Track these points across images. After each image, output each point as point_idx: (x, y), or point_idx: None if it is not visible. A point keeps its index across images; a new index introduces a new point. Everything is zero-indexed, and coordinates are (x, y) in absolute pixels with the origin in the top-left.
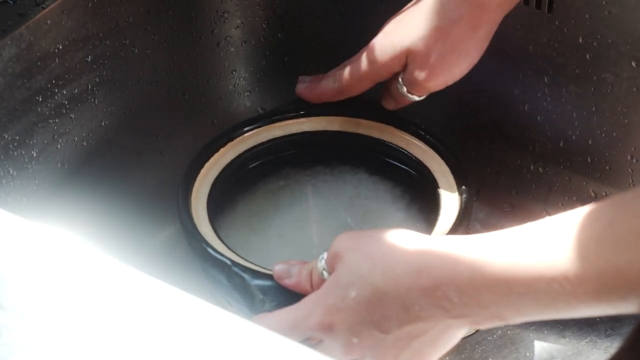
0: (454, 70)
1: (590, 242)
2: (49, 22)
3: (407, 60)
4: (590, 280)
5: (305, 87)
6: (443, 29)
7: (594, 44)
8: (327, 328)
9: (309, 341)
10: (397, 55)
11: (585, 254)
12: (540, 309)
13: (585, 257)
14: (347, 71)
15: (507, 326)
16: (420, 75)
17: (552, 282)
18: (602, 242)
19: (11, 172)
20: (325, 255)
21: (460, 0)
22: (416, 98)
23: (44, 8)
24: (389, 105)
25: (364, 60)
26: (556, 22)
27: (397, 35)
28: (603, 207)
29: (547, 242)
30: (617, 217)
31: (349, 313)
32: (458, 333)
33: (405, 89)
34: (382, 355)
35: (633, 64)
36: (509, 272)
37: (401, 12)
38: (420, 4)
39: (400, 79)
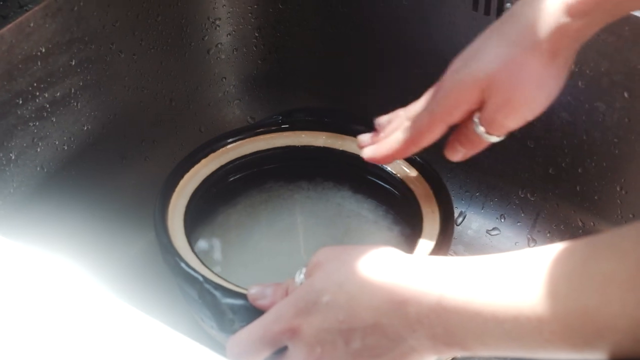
0: (534, 103)
1: (560, 280)
2: (32, 24)
3: (483, 96)
4: (557, 319)
5: (372, 150)
6: (519, 58)
7: (587, 71)
8: (294, 332)
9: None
10: (471, 91)
11: (554, 291)
12: (506, 342)
13: (553, 294)
14: (416, 118)
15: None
16: (499, 111)
17: (519, 316)
18: (571, 282)
19: None
20: (304, 269)
21: (534, 27)
22: (495, 139)
23: (27, 10)
24: (457, 155)
25: (433, 102)
26: None
27: (469, 69)
28: (577, 246)
29: (518, 275)
30: (590, 258)
31: (318, 317)
32: None
33: (483, 129)
34: None
35: (626, 94)
36: (476, 300)
37: (469, 47)
38: (490, 35)
39: (476, 119)
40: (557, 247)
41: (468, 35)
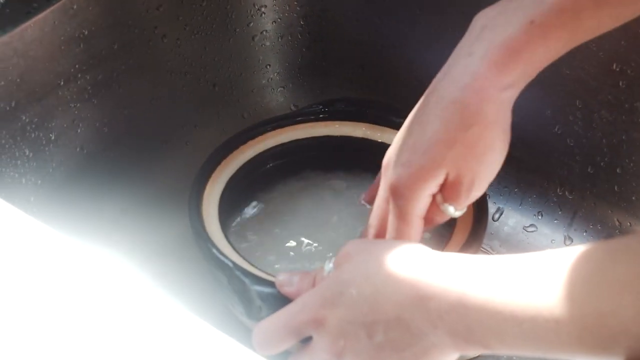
0: (493, 166)
1: (578, 283)
2: (75, 6)
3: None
4: (573, 322)
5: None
6: (457, 137)
7: (629, 71)
8: (319, 323)
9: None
10: (436, 181)
11: (571, 294)
12: (524, 342)
13: (571, 297)
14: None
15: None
16: (467, 191)
17: (537, 316)
18: (588, 286)
19: (27, 153)
20: (333, 259)
21: (461, 101)
22: (459, 214)
23: None
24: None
25: (399, 201)
26: (592, 47)
27: (424, 160)
28: (597, 249)
29: (538, 276)
30: (608, 262)
31: (344, 309)
32: (441, 359)
33: (452, 208)
34: None
35: None
36: (496, 299)
37: (405, 134)
38: (413, 123)
39: (439, 199)
40: (577, 250)
41: None
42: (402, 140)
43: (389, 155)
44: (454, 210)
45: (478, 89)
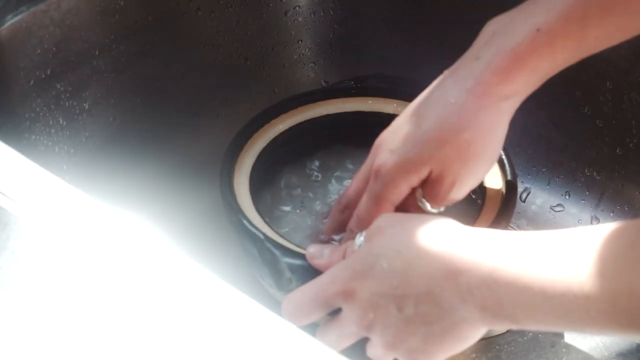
0: (477, 174)
1: (609, 260)
2: None
3: (428, 176)
4: (604, 298)
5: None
6: (449, 138)
7: None
8: (349, 295)
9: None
10: (419, 173)
11: (602, 271)
12: (554, 318)
13: (601, 274)
14: (361, 210)
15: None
16: (448, 190)
17: (566, 292)
18: (619, 262)
19: (61, 122)
20: (364, 232)
21: (454, 106)
22: (436, 211)
23: None
24: None
25: (376, 187)
26: None
27: (411, 151)
28: (628, 227)
29: (568, 253)
30: (639, 239)
31: (374, 282)
32: (470, 334)
33: (427, 204)
34: (392, 336)
35: None
36: (527, 274)
37: (402, 120)
38: (413, 113)
39: (419, 196)
40: (608, 227)
41: None
42: (399, 126)
43: (383, 136)
44: (429, 207)
45: (479, 94)
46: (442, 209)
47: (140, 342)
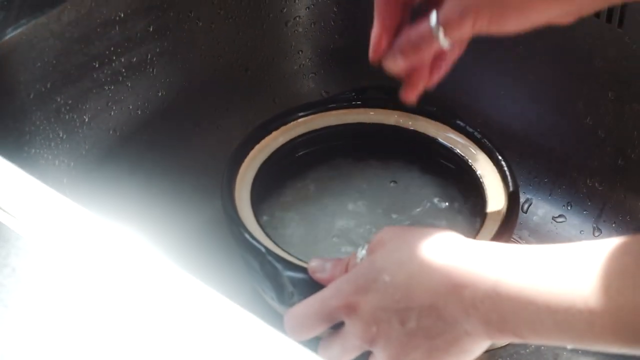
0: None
1: (613, 275)
2: None
3: None
4: (608, 313)
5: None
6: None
7: None
8: (352, 309)
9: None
10: None
11: (606, 286)
12: (557, 332)
13: (606, 289)
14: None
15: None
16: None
17: (571, 307)
18: (624, 278)
19: (61, 135)
20: (367, 245)
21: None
22: (447, 44)
23: None
24: (396, 65)
25: None
26: (626, 38)
27: None
28: (633, 242)
29: (573, 267)
30: None
31: (377, 296)
32: (473, 347)
33: (442, 31)
34: (395, 350)
35: None
36: (531, 288)
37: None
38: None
39: (433, 17)
40: (613, 242)
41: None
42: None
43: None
44: (442, 37)
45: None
46: (449, 44)
47: (141, 358)
